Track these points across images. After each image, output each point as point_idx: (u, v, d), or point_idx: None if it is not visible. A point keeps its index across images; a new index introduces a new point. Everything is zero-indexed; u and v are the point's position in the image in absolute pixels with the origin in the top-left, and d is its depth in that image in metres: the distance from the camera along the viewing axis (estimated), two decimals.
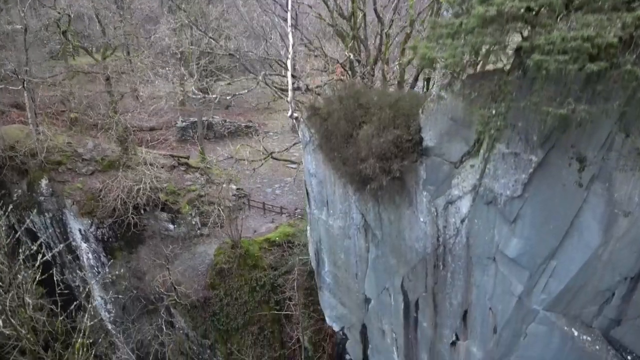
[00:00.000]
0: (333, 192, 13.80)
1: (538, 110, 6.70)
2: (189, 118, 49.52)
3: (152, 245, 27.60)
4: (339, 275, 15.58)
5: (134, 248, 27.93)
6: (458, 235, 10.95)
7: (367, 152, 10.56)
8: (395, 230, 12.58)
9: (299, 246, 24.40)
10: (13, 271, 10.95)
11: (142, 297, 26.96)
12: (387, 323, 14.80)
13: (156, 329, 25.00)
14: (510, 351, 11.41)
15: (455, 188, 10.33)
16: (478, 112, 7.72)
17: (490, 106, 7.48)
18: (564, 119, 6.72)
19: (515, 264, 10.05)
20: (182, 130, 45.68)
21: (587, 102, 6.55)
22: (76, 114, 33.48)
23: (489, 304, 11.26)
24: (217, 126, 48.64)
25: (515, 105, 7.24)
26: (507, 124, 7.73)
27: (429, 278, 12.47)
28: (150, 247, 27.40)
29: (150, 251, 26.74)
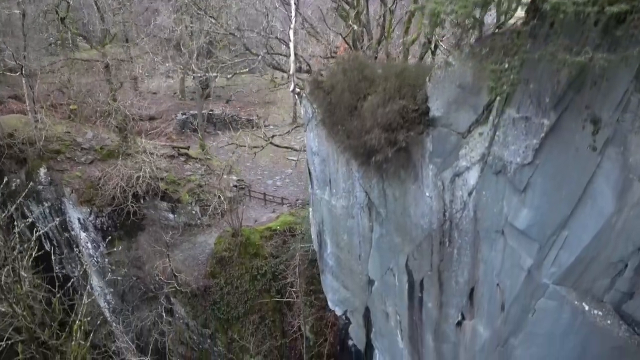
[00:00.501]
0: (336, 170, 13.53)
1: (554, 60, 6.42)
2: (189, 111, 49.29)
3: (151, 234, 27.34)
4: (341, 257, 15.31)
5: (134, 237, 27.67)
6: (465, 209, 10.68)
7: (372, 123, 10.28)
8: (400, 207, 12.31)
9: (301, 234, 24.15)
10: (8, 245, 10.69)
11: (141, 286, 26.70)
12: (391, 305, 14.53)
13: (156, 317, 24.74)
14: (518, 328, 11.14)
15: (463, 159, 10.06)
16: (490, 67, 7.44)
17: (502, 60, 7.20)
18: (581, 68, 6.44)
19: (524, 236, 9.78)
20: (182, 122, 45.43)
21: (605, 51, 6.28)
22: (75, 106, 33.25)
23: (496, 280, 10.99)
24: (217, 119, 48.41)
25: (529, 57, 6.96)
26: (521, 79, 7.44)
27: (434, 256, 12.20)
28: (150, 235, 27.14)
29: (150, 240, 26.48)
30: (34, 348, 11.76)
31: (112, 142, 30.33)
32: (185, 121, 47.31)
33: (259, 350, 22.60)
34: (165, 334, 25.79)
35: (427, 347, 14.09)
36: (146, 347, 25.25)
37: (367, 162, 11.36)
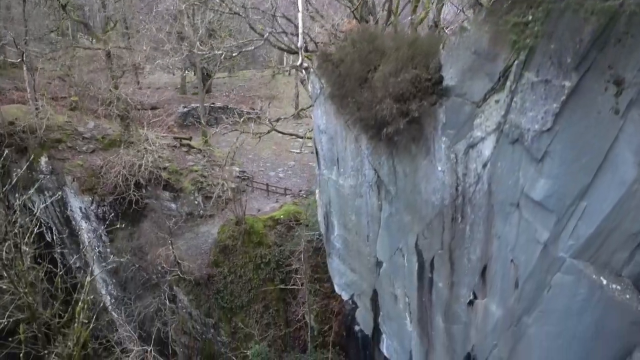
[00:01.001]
0: (344, 148, 13.25)
1: (580, 10, 6.14)
2: (190, 104, 49.09)
3: (154, 223, 27.09)
4: (349, 238, 15.04)
5: (136, 226, 27.40)
6: (479, 182, 10.40)
7: (384, 93, 10.00)
8: (410, 184, 12.03)
9: (305, 221, 23.86)
10: (9, 219, 10.42)
11: (144, 275, 26.46)
12: (400, 287, 14.26)
13: (160, 305, 24.51)
14: (532, 306, 10.87)
15: (478, 129, 9.77)
16: (513, 20, 7.15)
17: (526, 13, 6.92)
18: (609, 17, 6.16)
19: (541, 208, 9.50)
20: (184, 115, 45.27)
21: None
22: (76, 97, 33.00)
23: (510, 256, 10.71)
24: (218, 112, 48.25)
25: (554, 8, 6.67)
26: (545, 31, 7.15)
27: (445, 233, 11.93)
28: (153, 225, 26.88)
29: (152, 229, 26.22)
30: (36, 327, 11.51)
31: (113, 132, 30.10)
32: (187, 114, 47.15)
33: (263, 337, 22.33)
34: (168, 324, 25.57)
35: (437, 329, 13.83)
36: (148, 337, 25.03)
37: (377, 136, 11.08)
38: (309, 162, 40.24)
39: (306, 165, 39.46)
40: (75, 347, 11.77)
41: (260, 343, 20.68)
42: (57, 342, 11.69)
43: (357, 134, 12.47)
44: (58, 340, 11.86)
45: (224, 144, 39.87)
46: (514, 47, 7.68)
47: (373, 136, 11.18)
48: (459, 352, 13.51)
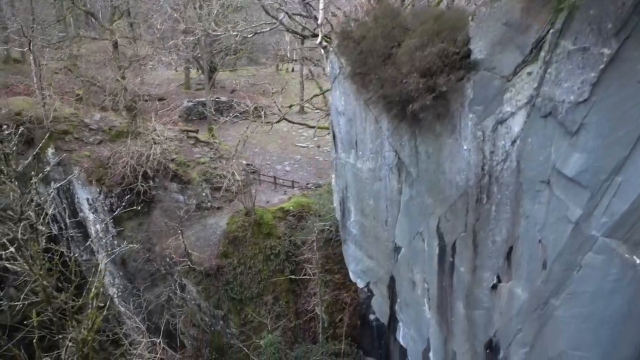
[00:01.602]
0: (363, 130, 12.98)
1: None
2: (195, 99, 48.95)
3: (162, 215, 26.84)
4: (366, 224, 14.78)
5: (144, 218, 27.14)
6: (507, 159, 10.12)
7: (409, 68, 9.73)
8: (433, 165, 11.76)
9: (317, 211, 23.59)
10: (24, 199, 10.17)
11: (152, 267, 26.21)
12: (419, 272, 14.01)
13: (170, 294, 24.28)
14: (560, 288, 10.60)
15: (508, 104, 9.49)
16: None
17: None
18: None
19: (574, 184, 9.22)
20: (188, 110, 45.14)
21: None
22: (81, 90, 32.78)
23: (538, 236, 10.44)
24: (223, 106, 48.15)
25: None
26: None
27: (469, 215, 11.66)
28: (161, 217, 26.63)
29: (161, 220, 25.98)
30: (51, 311, 11.28)
31: (120, 124, 29.86)
32: (192, 108, 47.03)
33: (275, 327, 22.08)
34: (177, 316, 25.33)
35: (457, 315, 13.57)
36: (157, 330, 24.81)
37: (400, 115, 10.81)
38: (315, 155, 40.07)
39: (312, 159, 39.27)
40: (90, 331, 11.55)
41: (272, 333, 20.38)
42: (72, 327, 11.45)
43: (378, 115, 12.20)
44: (72, 325, 11.63)
45: (229, 139, 39.74)
46: (553, 12, 7.40)
47: (396, 115, 10.90)
48: (481, 338, 13.26)
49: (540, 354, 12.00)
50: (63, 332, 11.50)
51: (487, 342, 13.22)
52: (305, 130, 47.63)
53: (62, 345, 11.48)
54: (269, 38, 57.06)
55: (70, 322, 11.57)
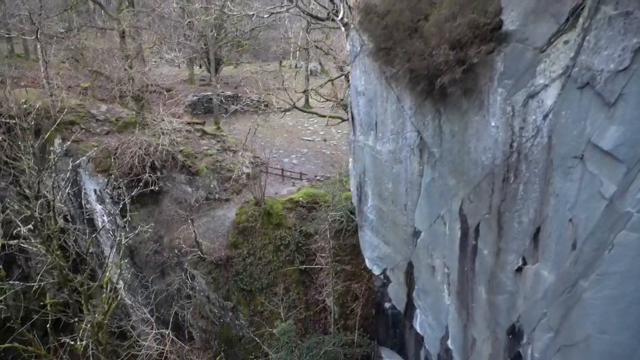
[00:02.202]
0: (384, 111, 12.69)
1: None
2: (200, 93, 48.75)
3: (170, 206, 26.59)
4: (384, 209, 14.50)
5: (152, 209, 26.89)
6: (538, 135, 9.84)
7: (438, 40, 9.45)
8: (457, 144, 11.48)
9: (328, 202, 23.31)
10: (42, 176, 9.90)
11: (160, 258, 25.96)
12: (439, 257, 13.73)
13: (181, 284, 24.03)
14: (590, 269, 10.31)
15: (541, 76, 9.21)
16: None
17: None
18: None
19: (610, 159, 8.94)
20: (194, 104, 44.98)
21: None
22: (87, 83, 32.55)
23: (569, 215, 10.15)
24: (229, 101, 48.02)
25: None
26: None
27: (494, 196, 11.38)
28: (169, 207, 26.39)
29: (169, 211, 25.73)
30: (67, 293, 11.03)
31: (127, 115, 29.63)
32: (197, 102, 46.85)
33: (287, 316, 21.80)
34: (185, 308, 25.08)
35: (478, 301, 13.29)
36: (165, 322, 24.56)
37: (426, 91, 10.53)
38: (322, 149, 39.85)
39: (319, 152, 39.05)
40: (106, 315, 11.30)
41: (285, 321, 20.11)
42: (87, 310, 11.21)
43: (400, 93, 11.92)
44: (88, 308, 11.39)
45: (235, 132, 39.56)
46: None
47: (422, 91, 10.62)
48: (503, 324, 12.98)
49: (565, 339, 11.72)
50: (79, 315, 11.24)
51: (509, 328, 12.95)
52: (311, 124, 47.47)
53: (77, 328, 11.22)
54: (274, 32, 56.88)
55: (85, 305, 11.30)
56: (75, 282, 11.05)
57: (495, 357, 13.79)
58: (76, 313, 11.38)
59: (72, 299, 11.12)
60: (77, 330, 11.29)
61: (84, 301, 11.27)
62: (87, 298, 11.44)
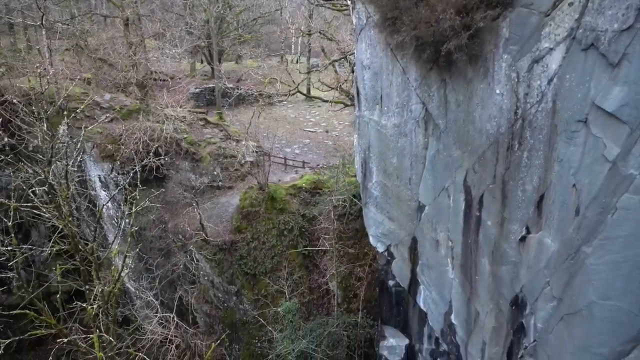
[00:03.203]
0: (389, 84, 12.86)
1: None
2: (202, 85, 48.95)
3: (174, 192, 26.76)
4: (388, 184, 14.67)
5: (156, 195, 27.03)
6: (542, 100, 10.01)
7: (445, 6, 9.63)
8: (462, 114, 11.65)
9: (330, 187, 23.50)
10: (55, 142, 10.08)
11: (165, 244, 26.13)
12: (443, 230, 13.90)
13: (181, 273, 24.21)
14: (593, 234, 10.48)
15: (546, 40, 9.37)
16: None
17: None
18: None
19: (613, 121, 9.10)
20: (195, 96, 45.22)
21: None
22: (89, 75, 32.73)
23: (572, 180, 10.32)
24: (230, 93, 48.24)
25: None
26: None
27: (499, 165, 11.55)
28: (173, 193, 26.56)
29: (174, 195, 25.90)
30: (79, 260, 11.20)
31: (131, 103, 29.82)
32: (199, 94, 47.10)
33: (292, 295, 21.99)
34: (189, 292, 25.26)
35: (481, 273, 13.46)
36: (169, 308, 24.74)
37: (432, 59, 10.70)
38: (324, 140, 40.06)
39: (321, 143, 39.27)
40: (116, 283, 11.48)
41: (291, 300, 20.29)
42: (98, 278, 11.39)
43: (405, 65, 12.09)
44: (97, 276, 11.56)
45: (237, 124, 39.74)
46: None
47: (427, 59, 10.79)
48: (506, 296, 13.15)
49: (568, 307, 11.89)
50: (90, 283, 11.42)
51: (512, 299, 13.12)
52: (313, 116, 47.71)
53: (88, 296, 11.40)
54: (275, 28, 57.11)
55: (96, 274, 11.48)
56: (86, 250, 11.23)
57: (498, 329, 13.97)
58: (87, 281, 11.56)
59: (82, 265, 11.30)
60: (87, 298, 11.47)
61: (94, 270, 11.46)
62: (98, 267, 11.63)
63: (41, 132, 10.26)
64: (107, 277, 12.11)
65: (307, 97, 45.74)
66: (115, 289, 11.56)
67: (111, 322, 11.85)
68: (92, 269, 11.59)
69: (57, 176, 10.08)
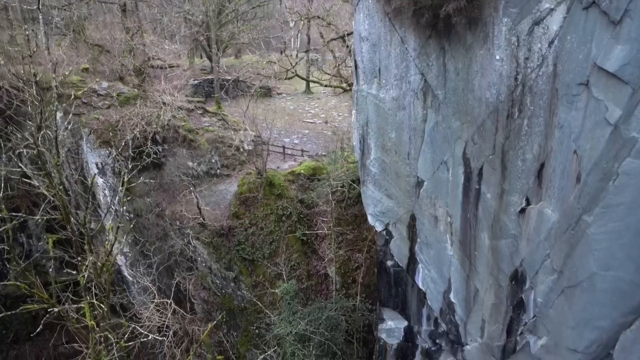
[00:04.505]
0: (388, 55, 12.69)
1: None
2: (200, 71, 48.74)
3: (172, 178, 26.60)
4: (387, 160, 14.50)
5: (154, 185, 26.87)
6: (543, 64, 9.84)
7: None
8: (462, 83, 11.48)
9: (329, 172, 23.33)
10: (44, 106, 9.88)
11: (162, 230, 25.95)
12: (442, 206, 13.74)
13: (178, 260, 24.06)
14: (594, 202, 10.33)
15: (546, 0, 9.20)
16: None
17: None
18: None
19: (615, 81, 8.94)
20: (194, 88, 45.09)
21: None
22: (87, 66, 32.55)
23: (573, 147, 10.17)
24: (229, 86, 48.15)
25: None
26: None
27: (498, 134, 11.39)
28: (171, 178, 26.40)
29: (170, 183, 25.74)
30: (70, 230, 11.03)
31: (128, 91, 29.64)
32: (198, 86, 46.95)
33: (290, 277, 21.83)
34: (187, 279, 25.09)
35: (481, 248, 13.32)
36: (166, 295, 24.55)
37: (431, 24, 10.53)
38: (323, 130, 39.91)
39: (320, 133, 39.13)
40: (109, 256, 11.32)
41: (289, 281, 20.12)
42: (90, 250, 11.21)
43: (404, 35, 11.93)
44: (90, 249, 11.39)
45: (236, 115, 39.59)
46: None
47: (427, 24, 10.62)
48: (506, 270, 13.01)
49: (569, 280, 11.75)
50: (82, 255, 11.25)
51: (512, 274, 12.98)
52: (312, 108, 47.60)
53: (80, 268, 11.23)
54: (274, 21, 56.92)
55: (89, 246, 11.31)
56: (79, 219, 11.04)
57: (498, 306, 13.83)
58: (79, 252, 11.39)
59: (74, 235, 11.13)
60: (79, 270, 11.31)
61: (86, 242, 11.29)
62: (90, 239, 11.45)
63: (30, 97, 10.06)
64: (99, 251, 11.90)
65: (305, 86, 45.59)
66: (107, 262, 11.38)
67: (104, 296, 11.68)
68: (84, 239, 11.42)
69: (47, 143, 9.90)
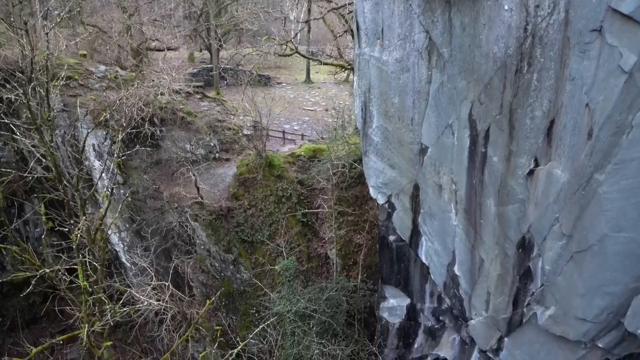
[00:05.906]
0: (391, 13, 12.25)
1: None
2: (200, 65, 48.42)
3: (169, 160, 26.21)
4: (389, 128, 14.08)
5: (151, 164, 26.47)
6: (554, 11, 9.41)
7: None
8: (468, 38, 11.05)
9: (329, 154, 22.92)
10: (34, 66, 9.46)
11: (159, 213, 25.54)
12: (446, 173, 13.31)
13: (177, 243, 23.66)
14: (606, 159, 9.91)
15: None
16: None
17: None
18: None
19: (630, 24, 8.52)
20: (194, 75, 44.81)
21: None
22: (85, 52, 32.17)
23: (585, 99, 9.74)
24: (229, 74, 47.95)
25: None
26: None
27: (506, 92, 10.96)
28: (167, 160, 26.01)
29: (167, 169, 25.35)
30: (62, 189, 10.62)
31: (126, 74, 29.25)
32: (197, 74, 46.67)
33: (290, 254, 21.42)
34: (185, 262, 24.70)
35: (487, 216, 12.89)
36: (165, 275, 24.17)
37: None
38: (323, 117, 39.52)
39: (321, 120, 38.73)
40: (102, 220, 10.90)
41: (289, 259, 19.72)
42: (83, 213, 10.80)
43: None
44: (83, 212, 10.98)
45: (235, 103, 39.23)
46: None
47: None
48: (512, 238, 12.59)
49: (578, 244, 11.34)
50: (75, 219, 10.85)
51: (519, 241, 12.56)
52: (312, 96, 47.21)
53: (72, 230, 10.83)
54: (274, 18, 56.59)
55: (82, 210, 10.91)
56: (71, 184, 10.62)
57: (504, 276, 13.42)
58: (71, 215, 10.99)
59: (67, 196, 10.73)
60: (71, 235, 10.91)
61: (80, 206, 10.90)
62: (84, 202, 11.05)
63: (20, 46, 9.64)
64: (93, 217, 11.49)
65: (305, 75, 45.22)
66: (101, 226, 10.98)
67: (98, 263, 11.28)
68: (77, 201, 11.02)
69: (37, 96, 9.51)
